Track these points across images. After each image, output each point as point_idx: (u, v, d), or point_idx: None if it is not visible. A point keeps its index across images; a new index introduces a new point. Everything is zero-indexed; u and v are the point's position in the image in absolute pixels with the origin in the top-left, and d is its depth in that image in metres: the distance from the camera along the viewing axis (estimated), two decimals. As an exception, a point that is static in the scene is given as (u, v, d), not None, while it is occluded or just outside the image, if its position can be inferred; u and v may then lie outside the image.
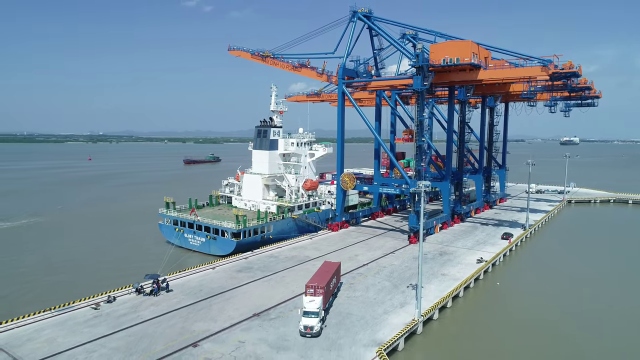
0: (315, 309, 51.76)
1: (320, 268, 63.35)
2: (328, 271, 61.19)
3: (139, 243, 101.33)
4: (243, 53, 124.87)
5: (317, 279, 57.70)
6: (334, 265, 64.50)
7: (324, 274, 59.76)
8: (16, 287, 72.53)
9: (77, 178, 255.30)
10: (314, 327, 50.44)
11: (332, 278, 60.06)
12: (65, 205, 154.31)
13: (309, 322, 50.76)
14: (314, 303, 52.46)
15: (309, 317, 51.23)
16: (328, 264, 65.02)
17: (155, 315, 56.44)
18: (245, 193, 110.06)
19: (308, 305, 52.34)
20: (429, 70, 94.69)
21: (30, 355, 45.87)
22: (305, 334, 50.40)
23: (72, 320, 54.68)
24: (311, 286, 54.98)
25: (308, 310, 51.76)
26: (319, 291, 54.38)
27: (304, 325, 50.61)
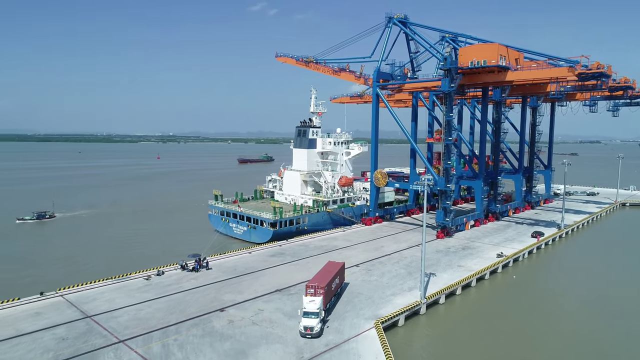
0: (316, 310, 50.83)
1: (323, 268, 62.76)
2: (331, 271, 60.50)
3: (190, 230, 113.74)
4: (288, 59, 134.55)
5: (318, 278, 57.01)
6: (337, 265, 63.74)
7: (326, 274, 59.09)
8: (84, 260, 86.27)
9: (146, 174, 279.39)
10: (314, 328, 49.53)
11: (334, 278, 59.14)
12: (132, 197, 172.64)
13: (309, 322, 49.92)
14: (314, 303, 51.51)
15: (309, 318, 50.32)
16: (331, 264, 64.30)
17: (194, 287, 66.62)
18: (286, 188, 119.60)
19: (308, 306, 51.37)
20: (458, 73, 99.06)
21: (93, 310, 57.23)
22: (305, 334, 49.55)
23: (127, 287, 66.11)
24: (311, 286, 54.24)
25: (308, 310, 50.84)
26: (319, 291, 53.58)
27: (304, 326, 49.72)
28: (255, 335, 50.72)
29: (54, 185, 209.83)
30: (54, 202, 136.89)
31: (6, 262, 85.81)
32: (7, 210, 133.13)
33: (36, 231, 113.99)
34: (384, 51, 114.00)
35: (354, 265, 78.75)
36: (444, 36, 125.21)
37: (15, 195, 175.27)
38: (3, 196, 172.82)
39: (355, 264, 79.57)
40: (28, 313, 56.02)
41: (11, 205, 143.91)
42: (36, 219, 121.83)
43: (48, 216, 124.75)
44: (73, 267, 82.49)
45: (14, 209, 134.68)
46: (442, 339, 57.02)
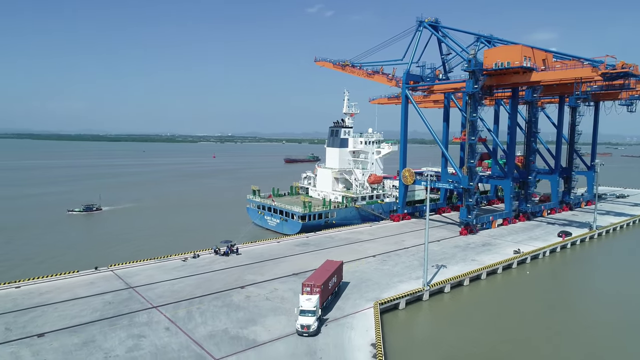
0: (312, 308, 51.06)
1: (321, 266, 63.27)
2: (328, 270, 60.73)
3: (229, 221, 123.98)
4: (326, 63, 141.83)
5: (314, 277, 57.25)
6: (334, 264, 64.09)
7: (323, 273, 59.29)
8: (131, 244, 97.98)
9: (199, 172, 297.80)
10: (311, 326, 49.62)
11: (331, 277, 59.28)
12: (179, 193, 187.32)
13: (306, 320, 50.08)
14: (310, 302, 51.72)
15: (306, 316, 50.54)
16: (329, 263, 64.63)
17: (222, 268, 75.43)
18: (319, 185, 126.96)
19: (305, 304, 51.49)
20: (483, 74, 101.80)
21: (136, 282, 67.31)
22: (302, 333, 49.55)
23: (166, 266, 76.07)
24: (307, 284, 54.41)
25: (305, 308, 51.01)
26: (316, 289, 53.85)
27: (301, 324, 49.85)
28: (266, 308, 58.28)
29: (111, 181, 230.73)
30: (100, 196, 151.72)
31: (63, 245, 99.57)
32: (61, 203, 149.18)
33: (84, 221, 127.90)
34: (414, 54, 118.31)
35: (370, 256, 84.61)
36: (479, 37, 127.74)
37: (73, 189, 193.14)
38: (61, 190, 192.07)
39: (372, 255, 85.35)
40: (84, 282, 67.10)
41: (68, 198, 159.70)
42: (84, 211, 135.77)
43: (95, 209, 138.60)
44: (121, 249, 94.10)
45: (68, 201, 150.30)
46: (438, 324, 61.85)
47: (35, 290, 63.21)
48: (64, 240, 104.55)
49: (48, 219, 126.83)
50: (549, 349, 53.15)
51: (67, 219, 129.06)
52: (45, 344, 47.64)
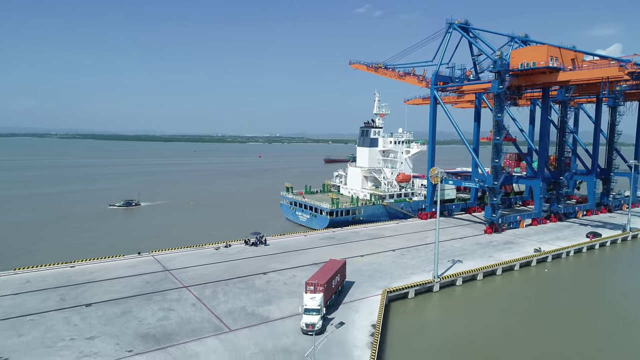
0: (317, 306, 51.61)
1: (324, 265, 63.78)
2: (331, 269, 61.14)
3: (263, 216, 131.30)
4: (360, 66, 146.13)
5: (318, 276, 57.59)
6: (338, 263, 64.54)
7: (326, 272, 59.64)
8: (169, 235, 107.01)
9: (242, 171, 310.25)
10: (316, 325, 49.95)
11: (334, 276, 59.66)
12: (219, 190, 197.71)
13: (311, 319, 50.46)
14: (314, 300, 52.25)
15: (310, 315, 50.96)
16: (332, 262, 65.17)
17: (250, 257, 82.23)
18: (349, 183, 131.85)
19: (309, 303, 51.97)
20: (509, 75, 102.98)
21: (171, 266, 75.24)
22: (307, 331, 49.72)
23: (199, 254, 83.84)
24: (311, 283, 54.76)
25: (309, 307, 51.54)
26: (319, 288, 54.16)
27: (306, 323, 50.18)
28: (283, 291, 64.20)
29: (156, 179, 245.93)
30: (139, 193, 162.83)
31: (110, 234, 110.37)
32: (105, 198, 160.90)
33: (124, 215, 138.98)
34: (443, 55, 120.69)
35: (390, 250, 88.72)
36: (512, 38, 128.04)
37: (118, 186, 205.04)
38: (108, 186, 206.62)
39: (392, 249, 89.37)
40: (127, 265, 75.95)
41: (112, 194, 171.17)
42: (124, 205, 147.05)
43: (134, 204, 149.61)
44: (161, 239, 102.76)
45: (111, 197, 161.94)
46: (443, 314, 65.50)
47: (86, 270, 72.61)
48: (110, 229, 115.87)
49: (92, 212, 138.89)
50: (546, 347, 55.24)
51: (109, 212, 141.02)
52: (91, 312, 55.96)
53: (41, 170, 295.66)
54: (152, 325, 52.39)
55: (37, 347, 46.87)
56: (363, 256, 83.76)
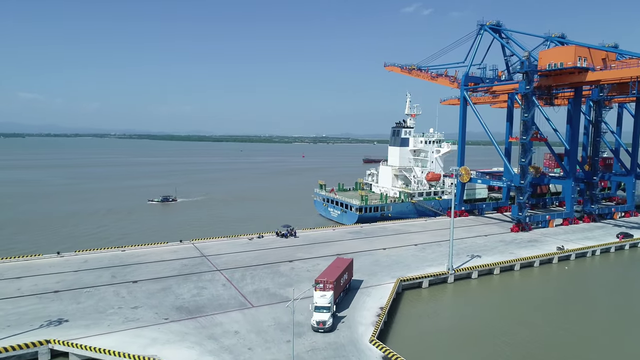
0: (327, 304, 52.05)
1: (332, 264, 64.35)
2: (339, 267, 61.85)
3: (297, 211, 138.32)
4: (394, 68, 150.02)
5: (326, 274, 58.23)
6: (345, 261, 65.29)
7: (334, 270, 60.32)
8: (207, 226, 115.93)
9: (284, 170, 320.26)
10: (327, 322, 50.52)
11: (342, 274, 60.13)
12: (263, 187, 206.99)
13: (321, 317, 50.98)
14: (325, 298, 52.79)
15: (321, 312, 51.48)
16: (339, 260, 65.71)
17: (279, 247, 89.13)
18: (380, 181, 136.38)
19: (319, 300, 52.43)
20: (538, 75, 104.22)
21: (208, 252, 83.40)
22: (317, 329, 50.46)
23: (234, 243, 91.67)
24: (320, 281, 55.34)
25: (320, 305, 51.97)
26: (329, 286, 54.79)
27: (316, 321, 50.73)
28: (304, 277, 70.43)
29: (198, 177, 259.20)
30: (176, 189, 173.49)
31: (151, 225, 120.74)
32: (145, 194, 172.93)
33: (161, 209, 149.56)
34: (474, 56, 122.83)
35: (412, 245, 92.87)
36: (549, 36, 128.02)
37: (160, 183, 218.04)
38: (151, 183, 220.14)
39: (414, 244, 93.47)
40: (170, 250, 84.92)
41: (152, 191, 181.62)
42: (162, 201, 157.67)
43: (171, 199, 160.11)
44: (199, 229, 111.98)
45: (151, 192, 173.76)
46: (452, 304, 69.39)
47: (134, 253, 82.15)
48: (152, 221, 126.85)
49: (134, 206, 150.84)
50: (553, 338, 58.29)
51: (147, 207, 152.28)
52: (136, 287, 64.65)
53: (97, 168, 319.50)
54: (187, 300, 60.18)
55: (92, 312, 55.67)
56: (385, 249, 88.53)
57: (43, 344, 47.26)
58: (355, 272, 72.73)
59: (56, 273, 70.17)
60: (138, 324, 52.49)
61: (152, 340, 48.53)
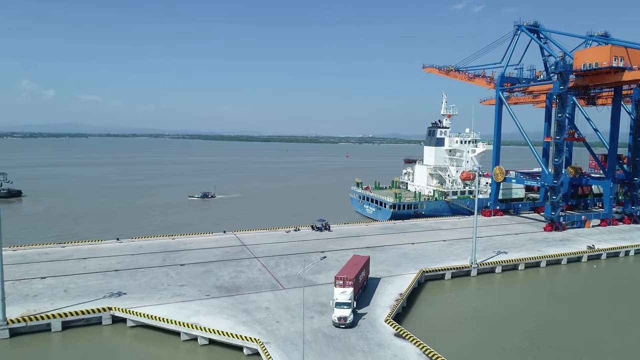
0: (348, 300, 52.91)
1: (350, 261, 65.41)
2: (357, 264, 62.67)
3: (335, 207, 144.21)
4: (433, 69, 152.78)
5: (345, 271, 59.11)
6: (362, 258, 66.21)
7: (353, 267, 61.17)
8: (246, 220, 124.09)
9: (325, 169, 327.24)
10: (348, 318, 51.46)
11: (360, 271, 60.84)
12: (303, 185, 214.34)
13: (342, 313, 51.93)
14: (345, 294, 53.67)
15: (342, 308, 52.32)
16: (357, 258, 66.76)
17: (313, 239, 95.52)
18: (416, 179, 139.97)
19: (340, 297, 53.29)
20: (574, 75, 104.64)
21: (248, 242, 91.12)
22: (339, 324, 51.39)
23: (272, 235, 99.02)
24: (340, 278, 56.22)
25: (340, 301, 52.82)
26: (348, 282, 55.61)
27: (338, 317, 51.59)
28: (333, 265, 76.21)
29: (240, 175, 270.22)
30: (215, 186, 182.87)
31: (195, 218, 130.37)
32: (185, 191, 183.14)
33: (201, 204, 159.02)
34: (510, 57, 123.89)
35: (440, 240, 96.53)
36: (590, 36, 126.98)
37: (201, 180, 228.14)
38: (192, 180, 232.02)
39: (443, 240, 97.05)
40: (214, 239, 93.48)
41: (193, 188, 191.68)
42: (201, 197, 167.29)
43: (210, 196, 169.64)
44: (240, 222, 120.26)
45: (191, 189, 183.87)
46: (472, 296, 72.86)
47: (183, 241, 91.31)
48: (195, 215, 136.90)
49: (176, 201, 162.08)
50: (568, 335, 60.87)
51: (188, 202, 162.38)
52: (183, 269, 73.11)
53: (150, 165, 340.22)
54: (226, 281, 67.79)
55: (146, 288, 64.36)
56: (413, 244, 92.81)
57: (106, 310, 56.11)
58: (380, 263, 78.22)
59: (116, 256, 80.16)
60: (184, 299, 60.48)
61: (195, 311, 56.23)
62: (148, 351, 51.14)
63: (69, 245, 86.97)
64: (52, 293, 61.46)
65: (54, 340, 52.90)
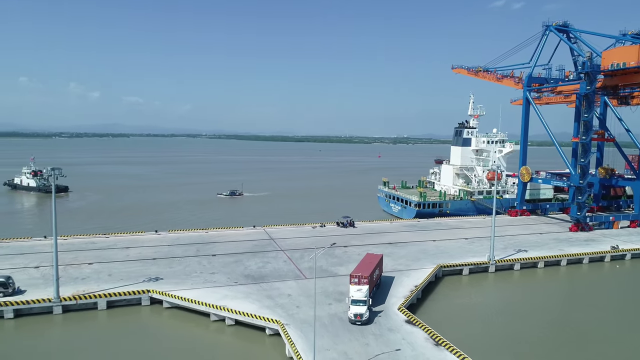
0: (363, 297, 54.19)
1: (363, 259, 66.68)
2: (371, 262, 63.74)
3: (362, 205, 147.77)
4: (462, 70, 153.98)
5: (360, 269, 60.38)
6: (376, 257, 67.23)
7: (367, 265, 62.33)
8: (274, 216, 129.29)
9: (357, 169, 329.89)
10: (364, 315, 52.83)
11: (375, 269, 61.84)
12: (337, 183, 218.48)
13: (358, 310, 53.15)
14: (361, 292, 55.01)
15: (358, 305, 53.56)
16: (370, 256, 68.09)
17: (338, 234, 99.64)
18: (442, 179, 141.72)
19: (356, 294, 54.59)
20: (603, 75, 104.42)
21: (276, 236, 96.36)
22: (355, 321, 52.77)
23: (299, 230, 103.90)
24: (355, 275, 57.39)
25: (356, 298, 54.07)
26: (363, 280, 56.68)
27: (354, 314, 52.91)
28: (354, 259, 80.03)
29: (269, 175, 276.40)
30: (242, 184, 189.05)
31: (226, 214, 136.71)
32: (214, 189, 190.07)
33: (229, 202, 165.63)
34: (538, 57, 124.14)
35: (462, 238, 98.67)
36: (621, 35, 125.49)
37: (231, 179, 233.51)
38: (222, 179, 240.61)
39: (465, 238, 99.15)
40: (244, 233, 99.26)
41: (221, 186, 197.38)
42: (229, 195, 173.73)
43: (237, 194, 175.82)
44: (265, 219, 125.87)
45: (219, 187, 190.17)
46: (488, 289, 75.24)
47: (215, 234, 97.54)
48: (225, 211, 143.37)
49: (205, 198, 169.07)
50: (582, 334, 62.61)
51: (217, 199, 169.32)
52: (215, 259, 78.94)
53: (185, 165, 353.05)
54: (253, 270, 73.05)
55: (180, 274, 70.40)
56: (434, 241, 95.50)
57: (145, 292, 62.34)
58: (400, 258, 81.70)
59: (154, 246, 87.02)
60: (214, 285, 66.07)
61: (224, 296, 61.59)
62: (181, 329, 56.75)
63: (112, 236, 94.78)
64: (98, 277, 68.41)
65: (100, 317, 59.45)
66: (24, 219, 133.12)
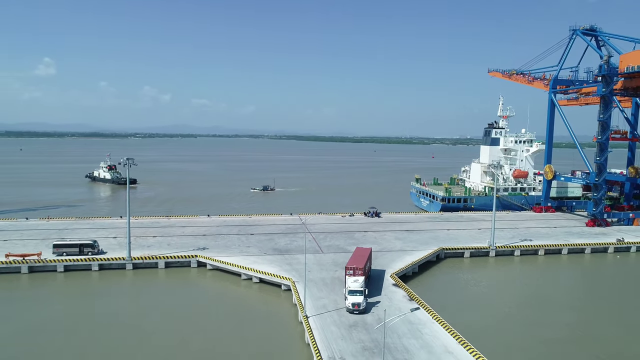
0: (360, 288, 56.50)
1: (355, 252, 69.70)
2: (363, 255, 66.73)
3: (395, 200, 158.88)
4: (497, 73, 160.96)
5: (354, 261, 63.09)
6: (366, 250, 70.66)
7: (360, 258, 65.34)
8: (308, 206, 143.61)
9: (408, 168, 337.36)
10: (361, 304, 55.40)
11: (367, 262, 64.91)
12: (380, 181, 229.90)
13: (356, 299, 55.59)
14: (358, 282, 57.26)
15: (355, 295, 55.99)
16: (360, 250, 71.51)
17: (362, 222, 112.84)
18: (472, 177, 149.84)
19: (353, 285, 56.92)
20: (622, 78, 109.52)
21: (308, 222, 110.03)
22: (353, 310, 55.40)
23: (329, 218, 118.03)
24: (351, 267, 59.89)
25: (353, 289, 56.48)
26: (359, 272, 59.26)
27: (352, 303, 55.41)
28: (370, 241, 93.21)
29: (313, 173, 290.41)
30: (274, 180, 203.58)
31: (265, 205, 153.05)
32: (248, 183, 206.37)
33: (262, 196, 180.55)
34: (564, 60, 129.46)
35: (476, 229, 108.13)
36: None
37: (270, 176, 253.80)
38: (263, 176, 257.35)
39: (479, 228, 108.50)
40: (280, 219, 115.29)
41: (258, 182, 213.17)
42: (262, 190, 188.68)
43: (270, 189, 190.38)
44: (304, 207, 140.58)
45: (254, 183, 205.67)
46: (485, 271, 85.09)
47: (256, 219, 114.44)
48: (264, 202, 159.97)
49: (241, 193, 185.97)
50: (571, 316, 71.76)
51: (251, 193, 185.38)
52: (252, 237, 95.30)
53: (241, 163, 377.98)
54: (281, 245, 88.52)
55: (222, 247, 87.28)
56: (449, 230, 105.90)
57: (194, 257, 79.73)
58: (411, 242, 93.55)
59: (205, 226, 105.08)
60: (247, 254, 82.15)
61: (253, 262, 77.37)
62: (219, 285, 73.13)
63: (173, 218, 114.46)
64: (160, 245, 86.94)
65: (160, 274, 77.43)
66: (102, 204, 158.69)
